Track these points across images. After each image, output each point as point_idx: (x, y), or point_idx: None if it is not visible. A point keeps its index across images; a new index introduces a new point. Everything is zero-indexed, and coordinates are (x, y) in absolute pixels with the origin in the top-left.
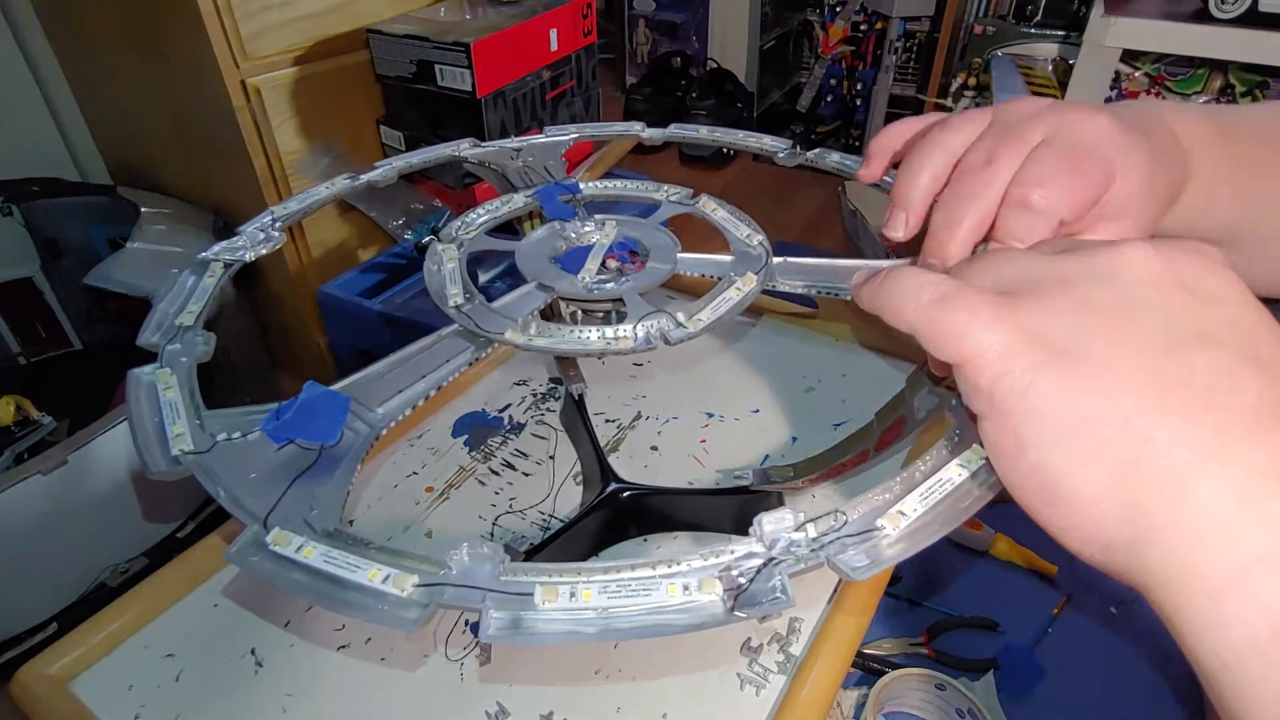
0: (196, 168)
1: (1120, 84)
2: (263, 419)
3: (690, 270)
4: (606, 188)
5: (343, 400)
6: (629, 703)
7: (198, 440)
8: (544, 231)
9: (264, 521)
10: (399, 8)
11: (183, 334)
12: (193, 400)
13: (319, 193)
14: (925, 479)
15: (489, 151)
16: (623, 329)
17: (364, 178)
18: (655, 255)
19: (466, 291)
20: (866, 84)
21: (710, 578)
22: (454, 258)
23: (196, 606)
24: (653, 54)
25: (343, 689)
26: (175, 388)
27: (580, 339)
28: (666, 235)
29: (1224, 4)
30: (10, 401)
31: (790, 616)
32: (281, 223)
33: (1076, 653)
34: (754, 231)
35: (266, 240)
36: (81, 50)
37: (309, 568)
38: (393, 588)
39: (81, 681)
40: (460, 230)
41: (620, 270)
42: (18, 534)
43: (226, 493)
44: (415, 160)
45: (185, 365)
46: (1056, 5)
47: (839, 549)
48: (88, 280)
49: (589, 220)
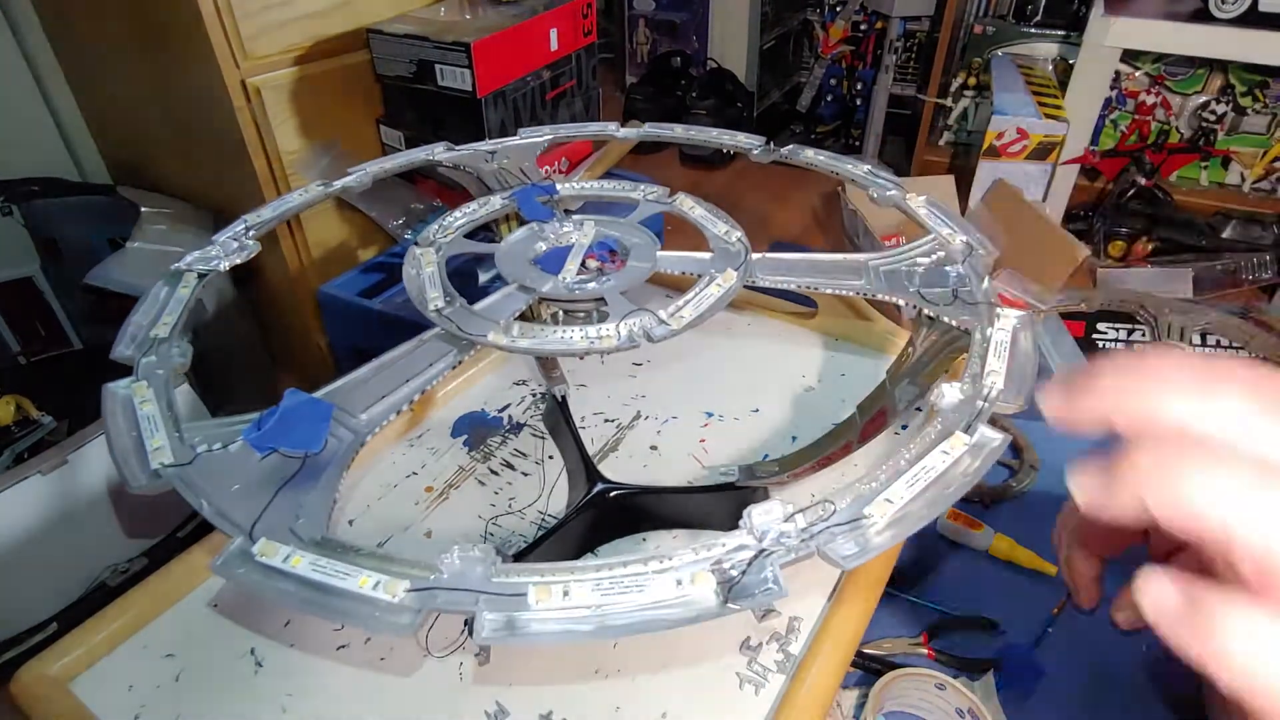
0: (196, 167)
1: (1120, 84)
2: (244, 429)
3: (671, 268)
4: (584, 189)
5: (325, 408)
6: (628, 702)
7: (178, 453)
8: (523, 233)
9: (249, 532)
10: (399, 7)
11: (158, 346)
12: (171, 413)
13: (291, 200)
14: (910, 466)
15: (463, 155)
16: (605, 328)
17: (337, 185)
18: (636, 254)
19: (447, 295)
20: (866, 84)
21: (703, 571)
22: (432, 261)
23: (196, 607)
24: (653, 54)
25: (342, 689)
26: (152, 401)
27: (563, 339)
28: (646, 234)
29: (1224, 4)
30: (10, 401)
31: (790, 616)
32: (255, 230)
33: (1076, 653)
34: (732, 228)
35: (240, 249)
36: (81, 50)
37: (297, 577)
38: (384, 594)
39: (81, 681)
40: (438, 234)
41: (600, 270)
42: (17, 534)
43: (210, 505)
44: (390, 165)
45: (161, 377)
46: (1056, 5)
47: (828, 538)
48: (88, 280)
49: (567, 221)
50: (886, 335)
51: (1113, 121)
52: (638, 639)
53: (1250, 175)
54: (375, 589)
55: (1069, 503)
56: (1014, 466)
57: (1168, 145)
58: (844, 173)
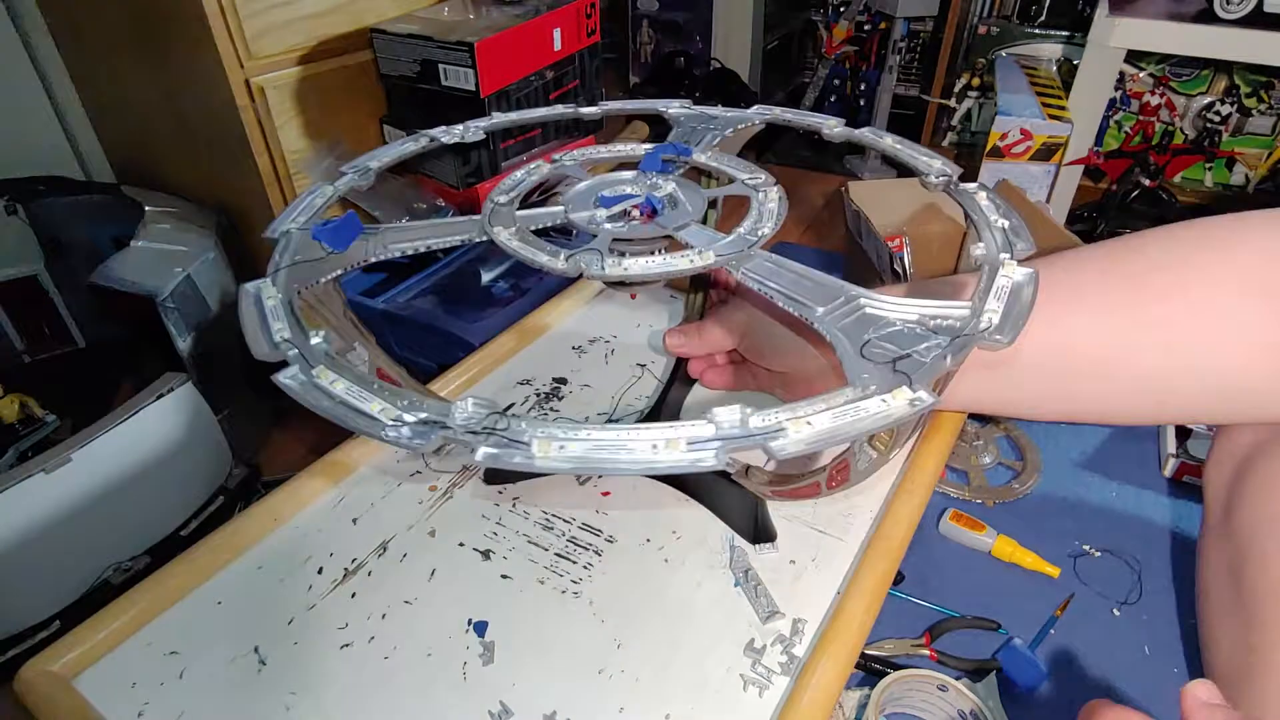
0: (200, 167)
1: (1124, 85)
2: (314, 227)
3: (684, 237)
4: (709, 161)
5: (359, 228)
6: (631, 702)
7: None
8: (590, 182)
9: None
10: (402, 7)
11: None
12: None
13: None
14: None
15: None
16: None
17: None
18: (666, 218)
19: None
20: (870, 84)
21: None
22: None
23: (200, 604)
24: (656, 54)
25: (346, 687)
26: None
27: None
28: (699, 209)
29: (1229, 4)
30: (14, 399)
31: (794, 618)
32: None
33: (1078, 654)
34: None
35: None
36: (86, 49)
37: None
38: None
39: (85, 679)
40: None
41: (626, 218)
42: (21, 531)
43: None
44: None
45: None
46: (1061, 5)
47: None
48: (92, 279)
49: (664, 179)
50: None
51: (1117, 122)
52: (639, 639)
53: (1255, 176)
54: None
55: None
56: (1017, 468)
57: (1172, 146)
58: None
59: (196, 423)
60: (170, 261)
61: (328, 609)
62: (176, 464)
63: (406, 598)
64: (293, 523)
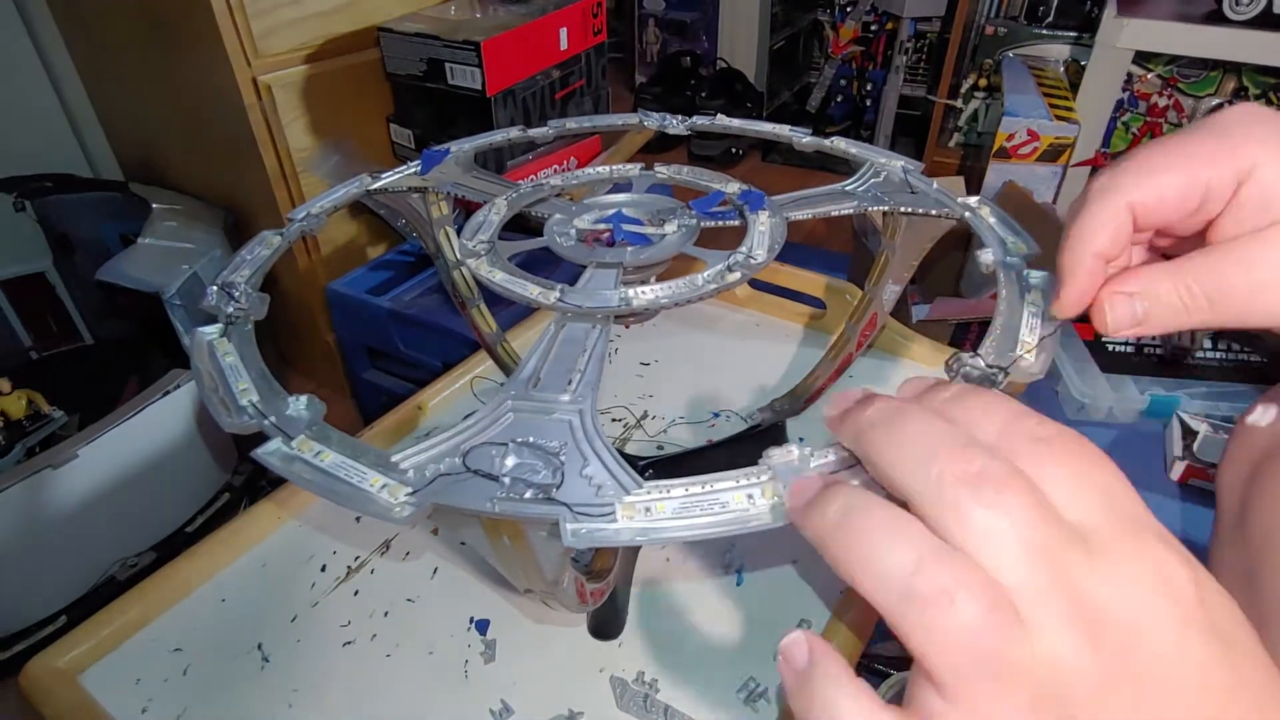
0: (207, 165)
1: (1132, 86)
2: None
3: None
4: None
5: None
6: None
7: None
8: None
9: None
10: (409, 6)
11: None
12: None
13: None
14: None
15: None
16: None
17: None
18: (631, 239)
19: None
20: (876, 84)
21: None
22: (230, 351)
23: (204, 601)
24: (662, 53)
25: (348, 685)
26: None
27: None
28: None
29: (1238, 5)
30: (22, 395)
31: (797, 619)
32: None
33: None
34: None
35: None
36: (95, 48)
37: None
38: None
39: (90, 674)
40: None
41: (597, 241)
42: (28, 527)
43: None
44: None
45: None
46: (1068, 6)
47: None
48: (99, 276)
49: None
50: (896, 338)
51: (1124, 124)
52: (640, 641)
53: None
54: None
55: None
56: None
57: None
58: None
59: (202, 419)
60: (177, 259)
61: (330, 606)
62: (182, 460)
63: (409, 596)
64: (297, 520)
